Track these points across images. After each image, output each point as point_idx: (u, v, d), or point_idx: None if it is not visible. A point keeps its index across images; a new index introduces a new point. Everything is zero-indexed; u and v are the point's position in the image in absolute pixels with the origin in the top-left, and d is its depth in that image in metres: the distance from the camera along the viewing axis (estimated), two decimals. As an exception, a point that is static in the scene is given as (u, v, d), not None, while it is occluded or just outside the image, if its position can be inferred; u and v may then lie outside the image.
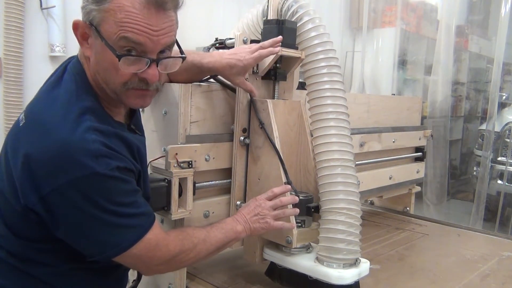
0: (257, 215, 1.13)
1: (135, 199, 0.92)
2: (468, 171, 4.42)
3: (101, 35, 0.86)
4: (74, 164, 0.82)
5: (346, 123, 1.23)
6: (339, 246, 1.17)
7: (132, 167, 0.93)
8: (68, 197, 0.83)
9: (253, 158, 1.30)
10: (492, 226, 3.11)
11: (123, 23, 0.84)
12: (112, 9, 0.84)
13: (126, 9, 0.84)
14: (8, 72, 1.91)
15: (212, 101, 1.29)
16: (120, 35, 0.85)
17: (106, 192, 0.86)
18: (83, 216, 0.85)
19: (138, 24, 0.85)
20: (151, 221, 0.94)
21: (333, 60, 1.23)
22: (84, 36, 0.90)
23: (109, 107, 0.96)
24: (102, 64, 0.90)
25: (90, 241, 0.89)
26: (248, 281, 1.38)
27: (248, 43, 1.27)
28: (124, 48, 0.86)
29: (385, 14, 3.83)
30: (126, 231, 0.89)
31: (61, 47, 2.05)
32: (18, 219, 0.90)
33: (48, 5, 2.02)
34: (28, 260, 0.92)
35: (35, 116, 0.89)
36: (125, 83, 0.90)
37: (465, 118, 4.58)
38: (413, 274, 1.50)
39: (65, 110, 0.86)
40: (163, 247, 0.95)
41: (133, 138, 0.98)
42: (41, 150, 0.83)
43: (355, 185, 1.20)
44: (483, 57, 4.45)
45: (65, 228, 0.87)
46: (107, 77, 0.91)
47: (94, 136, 0.85)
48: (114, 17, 0.85)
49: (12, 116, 1.92)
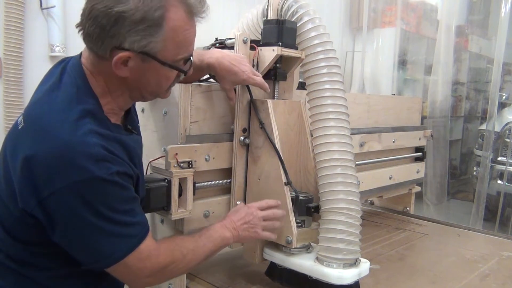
0: (247, 223, 1.13)
1: (132, 207, 0.91)
2: (468, 171, 4.42)
3: (160, 60, 0.90)
4: (74, 167, 0.82)
5: (346, 123, 1.23)
6: (339, 246, 1.17)
7: (131, 172, 0.92)
8: (66, 200, 0.83)
9: (253, 158, 1.30)
10: (492, 226, 3.11)
11: (182, 45, 0.92)
12: (169, 36, 0.88)
13: (181, 29, 0.90)
14: (8, 72, 1.91)
15: (212, 101, 1.29)
16: (184, 56, 0.94)
17: (104, 197, 0.85)
18: (79, 221, 0.84)
19: (191, 37, 0.94)
20: (145, 232, 0.93)
21: (333, 60, 1.23)
22: (124, 62, 0.89)
23: (109, 110, 0.95)
24: (152, 80, 0.94)
25: (84, 248, 0.88)
26: (248, 281, 1.38)
27: (248, 43, 1.27)
28: (182, 60, 0.95)
29: (385, 14, 3.83)
30: (120, 241, 0.88)
31: (61, 47, 2.05)
32: (16, 223, 0.90)
33: (48, 5, 2.02)
34: (25, 263, 0.92)
35: (34, 119, 0.88)
36: (170, 85, 1.00)
37: (465, 118, 4.58)
38: (413, 274, 1.50)
39: (65, 113, 0.86)
40: (154, 258, 0.94)
41: (130, 139, 0.98)
42: (41, 153, 0.82)
43: (355, 185, 1.20)
44: (483, 57, 4.45)
45: (61, 233, 0.87)
46: (157, 89, 0.97)
47: (95, 140, 0.84)
48: (173, 41, 0.90)
49: (12, 116, 1.92)
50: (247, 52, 1.27)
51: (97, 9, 0.84)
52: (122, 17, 0.83)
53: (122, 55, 0.87)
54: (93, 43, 0.88)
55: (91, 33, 0.87)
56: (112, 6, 0.83)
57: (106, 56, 0.88)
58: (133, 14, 0.83)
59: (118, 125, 0.98)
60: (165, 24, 0.87)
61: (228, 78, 1.20)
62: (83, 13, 0.87)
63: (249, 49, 1.27)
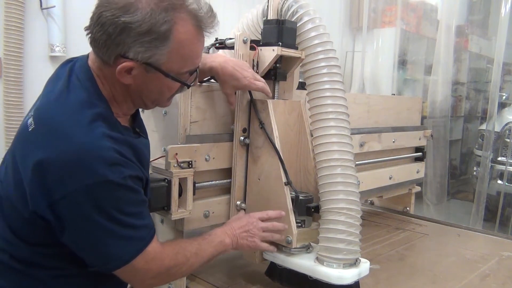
0: (247, 232, 1.17)
1: (141, 210, 0.92)
2: (468, 171, 4.42)
3: (164, 72, 0.90)
4: (88, 171, 0.82)
5: (346, 123, 1.23)
6: (339, 246, 1.17)
7: (142, 175, 0.94)
8: (78, 203, 0.83)
9: (253, 158, 1.30)
10: (492, 226, 3.11)
11: (188, 58, 0.92)
12: (175, 48, 0.88)
13: (188, 42, 0.90)
14: (8, 72, 1.91)
15: (212, 101, 1.29)
16: (190, 69, 0.94)
17: (116, 200, 0.86)
18: (90, 224, 0.85)
19: (198, 50, 0.94)
20: (152, 234, 0.94)
21: (333, 60, 1.23)
22: (128, 70, 0.89)
23: (119, 113, 0.96)
24: (155, 90, 0.94)
25: (93, 250, 0.89)
26: (248, 281, 1.38)
27: (248, 43, 1.27)
28: (187, 73, 0.95)
29: (385, 14, 3.83)
30: (129, 243, 0.90)
31: (61, 47, 2.05)
32: (24, 225, 0.90)
33: (48, 5, 2.02)
34: (32, 263, 0.92)
35: (46, 122, 0.87)
36: (172, 95, 1.00)
37: (465, 118, 4.57)
38: (413, 274, 1.50)
39: (77, 116, 0.86)
40: (159, 261, 0.96)
41: (139, 142, 0.99)
42: (54, 156, 0.82)
43: (355, 185, 1.20)
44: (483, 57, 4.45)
45: (70, 234, 0.87)
46: (159, 98, 0.98)
47: (109, 144, 0.85)
48: (178, 54, 0.89)
49: (12, 116, 1.92)
50: (247, 52, 1.27)
51: (105, 16, 0.84)
52: (128, 27, 0.83)
53: (126, 64, 0.87)
54: (98, 49, 0.88)
55: (97, 39, 0.87)
56: (119, 16, 0.83)
57: (110, 63, 0.89)
58: (139, 25, 0.83)
59: (128, 127, 0.99)
60: (172, 37, 0.87)
61: (230, 83, 1.21)
62: (92, 17, 0.87)
63: (249, 49, 1.27)
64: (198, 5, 0.90)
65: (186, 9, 0.88)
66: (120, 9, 0.83)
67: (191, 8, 0.89)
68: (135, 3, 0.83)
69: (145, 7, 0.83)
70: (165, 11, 0.85)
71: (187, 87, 0.98)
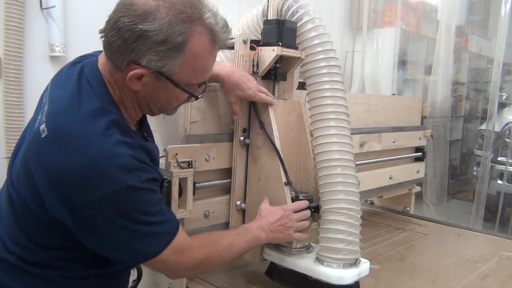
0: (282, 225, 1.17)
1: (161, 207, 0.94)
2: (468, 171, 4.42)
3: (174, 82, 0.90)
4: (107, 179, 0.83)
5: (346, 123, 1.23)
6: (339, 246, 1.17)
7: (158, 176, 0.95)
8: (101, 210, 0.84)
9: (253, 158, 1.30)
10: (492, 226, 3.11)
11: (199, 70, 0.93)
12: (188, 60, 0.88)
13: (201, 55, 0.90)
14: (8, 72, 1.90)
15: (212, 101, 1.29)
16: (199, 81, 0.95)
17: (137, 203, 0.87)
18: (115, 228, 0.86)
19: (210, 64, 0.95)
20: (177, 226, 0.96)
21: (333, 60, 1.23)
22: (139, 77, 0.89)
23: (128, 119, 0.97)
24: (163, 98, 0.95)
25: (121, 250, 0.90)
26: (248, 281, 1.38)
27: (248, 43, 1.27)
28: (196, 85, 0.96)
29: (385, 14, 3.83)
30: (154, 238, 0.92)
31: (61, 47, 2.05)
32: (40, 227, 0.90)
33: (48, 5, 2.01)
34: (41, 265, 0.93)
35: (60, 130, 0.86)
36: (179, 105, 1.01)
37: (465, 118, 4.58)
38: (413, 274, 1.50)
39: (92, 124, 0.86)
40: (189, 253, 0.97)
41: (149, 145, 1.00)
42: (72, 165, 0.82)
43: (355, 185, 1.20)
44: (483, 57, 4.45)
45: (94, 239, 0.89)
46: (165, 106, 0.98)
47: (124, 150, 0.85)
48: (190, 66, 0.90)
49: (12, 116, 1.92)
50: (247, 52, 1.27)
51: (123, 22, 0.84)
52: (145, 35, 0.84)
53: (137, 71, 0.87)
54: (112, 53, 0.88)
55: (112, 43, 0.87)
56: (137, 23, 0.83)
57: (122, 68, 0.89)
58: (156, 34, 0.84)
59: (137, 132, 1.00)
60: (187, 48, 0.87)
61: (235, 92, 1.23)
62: (108, 21, 0.87)
63: (249, 49, 1.27)
64: (215, 20, 0.91)
65: (203, 23, 0.89)
66: (139, 16, 0.83)
67: (208, 22, 0.89)
68: (154, 12, 0.84)
69: (163, 17, 0.84)
70: (183, 23, 0.85)
71: (195, 99, 0.99)
